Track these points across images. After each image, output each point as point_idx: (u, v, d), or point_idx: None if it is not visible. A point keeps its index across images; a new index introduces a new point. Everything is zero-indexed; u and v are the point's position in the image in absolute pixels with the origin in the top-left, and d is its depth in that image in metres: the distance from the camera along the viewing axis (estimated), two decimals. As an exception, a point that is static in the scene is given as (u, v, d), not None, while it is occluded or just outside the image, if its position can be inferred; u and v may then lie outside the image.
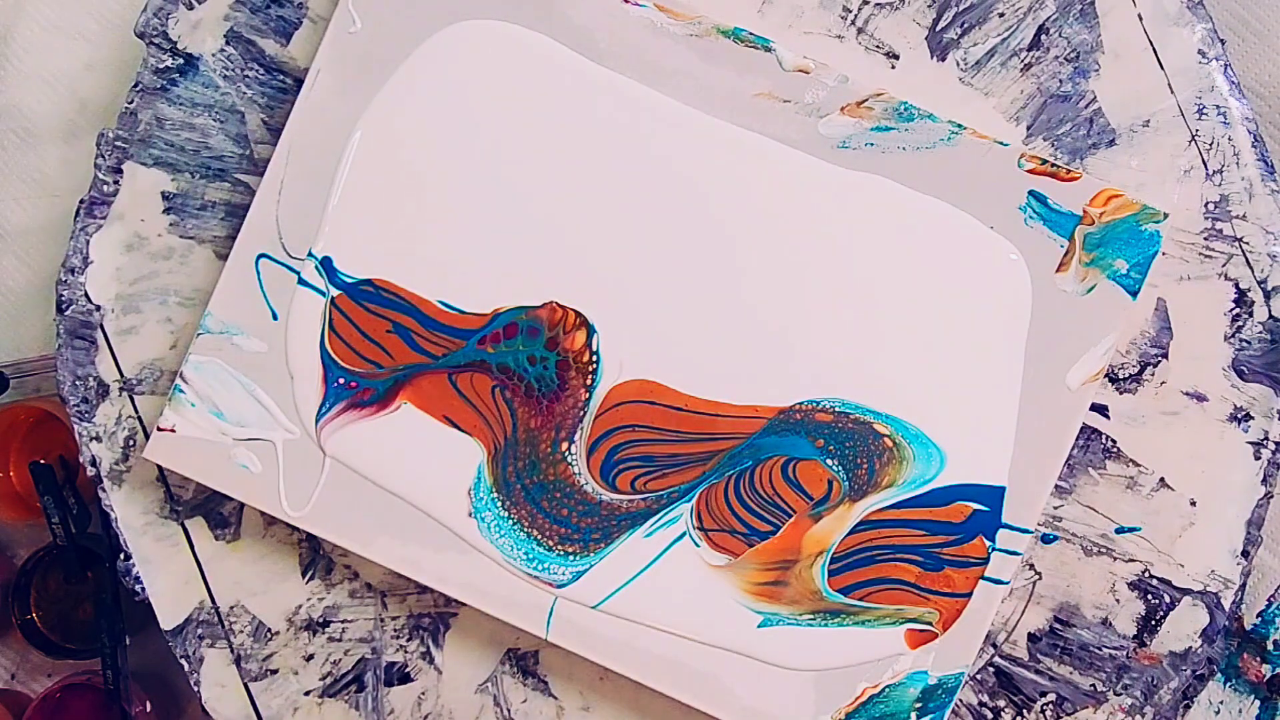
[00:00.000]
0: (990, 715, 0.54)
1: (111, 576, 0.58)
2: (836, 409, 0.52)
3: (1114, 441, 0.53)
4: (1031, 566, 0.54)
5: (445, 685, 0.55)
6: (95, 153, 0.53)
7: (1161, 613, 0.53)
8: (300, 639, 0.55)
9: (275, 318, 0.52)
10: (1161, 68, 0.52)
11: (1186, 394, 0.53)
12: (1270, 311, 0.53)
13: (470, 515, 0.52)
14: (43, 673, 0.64)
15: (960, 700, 0.54)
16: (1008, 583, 0.52)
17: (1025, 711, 0.54)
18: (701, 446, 0.52)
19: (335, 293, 0.52)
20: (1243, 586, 0.53)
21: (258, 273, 0.52)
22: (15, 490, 0.63)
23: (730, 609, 0.52)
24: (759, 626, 0.52)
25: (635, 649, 0.52)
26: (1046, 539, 0.54)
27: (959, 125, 0.51)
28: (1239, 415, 0.53)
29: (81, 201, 0.54)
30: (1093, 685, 0.54)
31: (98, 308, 0.54)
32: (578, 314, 0.52)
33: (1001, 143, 0.51)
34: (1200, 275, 0.53)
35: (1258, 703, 0.58)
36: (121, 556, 0.54)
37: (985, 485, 0.51)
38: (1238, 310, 0.53)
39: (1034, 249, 0.51)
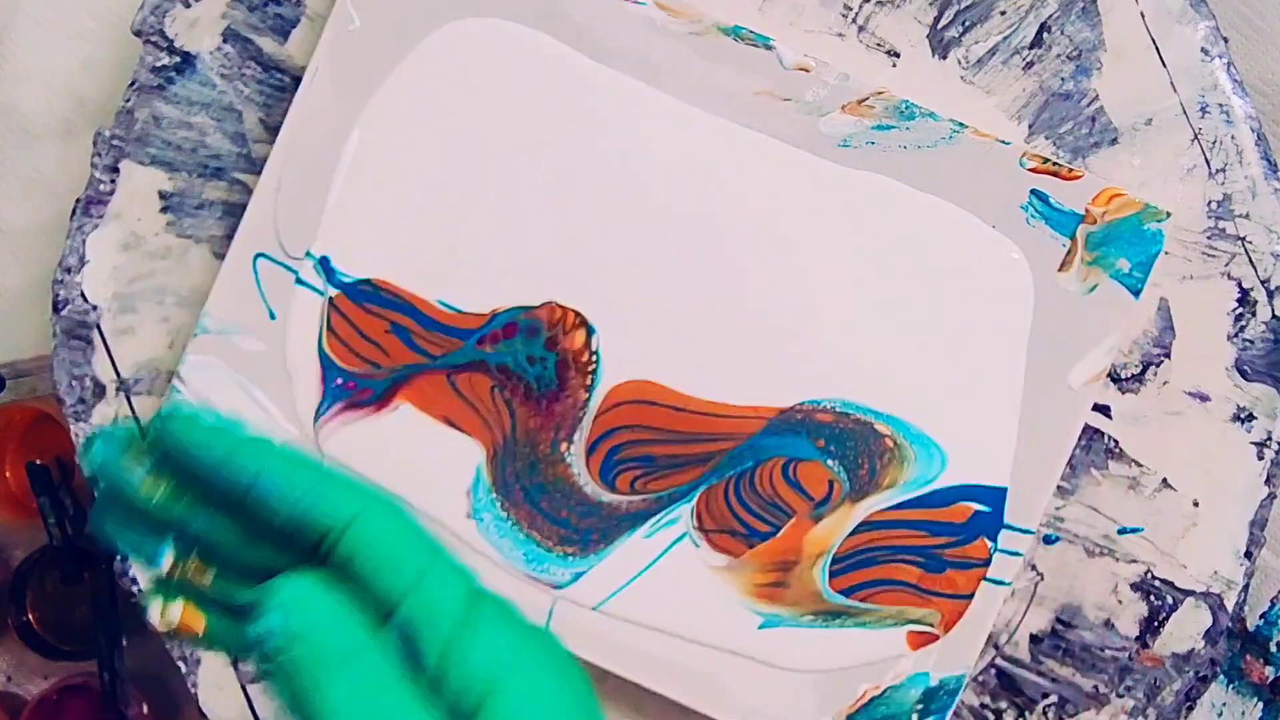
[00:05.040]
0: (992, 717, 0.54)
1: (108, 578, 0.57)
2: (837, 409, 0.51)
3: (1116, 442, 0.53)
4: (1033, 567, 0.54)
5: (444, 687, 0.55)
6: (92, 151, 0.53)
7: (1164, 614, 0.53)
8: (298, 640, 0.55)
9: (273, 317, 0.52)
10: (1164, 66, 0.52)
11: (1189, 394, 0.53)
12: (1274, 311, 0.52)
13: (469, 516, 0.52)
14: (39, 674, 0.64)
15: (962, 702, 0.54)
16: (1009, 584, 0.52)
17: (1027, 713, 0.54)
18: (701, 447, 0.51)
19: (333, 292, 0.52)
20: (1246, 588, 0.53)
21: (255, 272, 0.52)
22: (11, 491, 0.63)
23: (731, 610, 0.52)
24: (760, 628, 0.52)
25: (635, 650, 0.52)
26: (1048, 540, 0.53)
27: (960, 124, 0.51)
28: (1242, 415, 0.53)
29: (78, 200, 0.53)
30: (1095, 687, 0.54)
31: (94, 307, 0.54)
32: (577, 314, 0.51)
33: (1003, 141, 0.51)
34: (1203, 274, 0.53)
35: (1260, 704, 0.58)
36: (118, 558, 0.54)
37: (987, 486, 0.51)
38: (1241, 310, 0.52)
39: (1036, 248, 0.51)
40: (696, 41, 0.51)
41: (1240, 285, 0.52)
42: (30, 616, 0.61)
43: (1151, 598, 0.53)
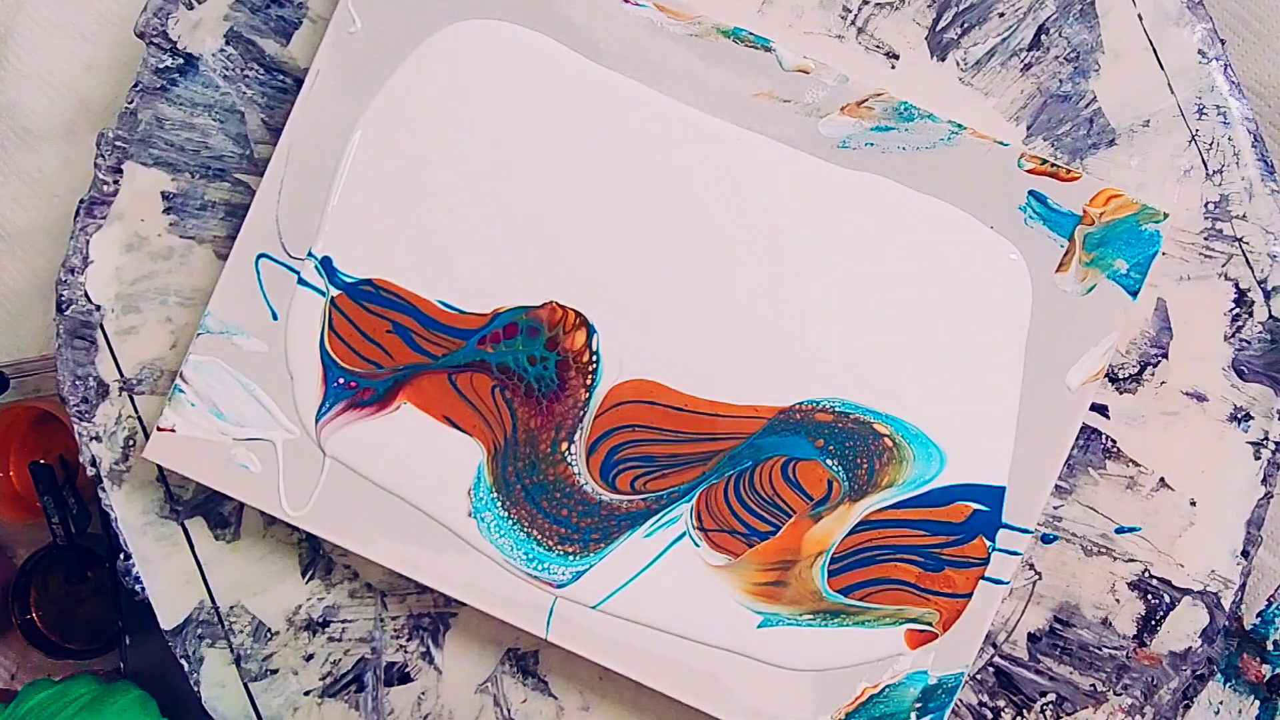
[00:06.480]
0: (990, 715, 0.54)
1: (111, 576, 0.58)
2: (836, 409, 0.52)
3: (1114, 441, 0.53)
4: (1031, 566, 0.54)
5: (445, 685, 0.55)
6: (95, 152, 0.53)
7: (1161, 613, 0.53)
8: (300, 639, 0.55)
9: (275, 317, 0.52)
10: (1161, 68, 0.52)
11: (1186, 394, 0.53)
12: (1270, 311, 0.53)
13: (470, 515, 0.52)
14: (43, 673, 0.64)
15: (960, 700, 0.54)
16: (1008, 583, 0.52)
17: (1025, 711, 0.54)
18: (701, 446, 0.52)
19: (335, 292, 0.52)
20: (1242, 586, 0.53)
21: (258, 272, 0.52)
22: (15, 490, 0.63)
23: (730, 609, 0.52)
24: (759, 627, 0.52)
25: (635, 649, 0.52)
26: (1046, 539, 0.54)
27: (959, 125, 0.51)
28: (1239, 415, 0.53)
29: (81, 201, 0.54)
30: (1093, 685, 0.54)
31: (97, 307, 0.54)
32: (578, 314, 0.52)
33: (1001, 143, 0.51)
34: (1200, 275, 0.53)
35: (1257, 703, 0.58)
36: (121, 556, 0.54)
37: (985, 485, 0.51)
38: (1238, 310, 0.53)
39: (1034, 249, 0.51)
40: (696, 43, 0.51)
41: (1237, 286, 0.53)
42: (34, 615, 0.62)
43: (1149, 596, 0.54)
